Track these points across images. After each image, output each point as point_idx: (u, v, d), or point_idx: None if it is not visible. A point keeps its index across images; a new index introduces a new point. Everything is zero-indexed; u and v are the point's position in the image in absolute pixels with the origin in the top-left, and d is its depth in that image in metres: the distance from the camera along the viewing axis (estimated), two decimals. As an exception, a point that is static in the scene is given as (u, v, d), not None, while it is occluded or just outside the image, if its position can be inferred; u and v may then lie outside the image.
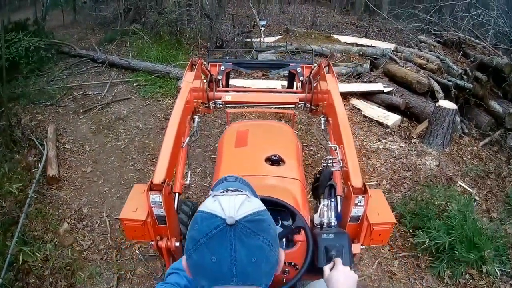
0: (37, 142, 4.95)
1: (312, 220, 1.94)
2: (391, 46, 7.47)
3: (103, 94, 6.37)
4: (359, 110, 5.42)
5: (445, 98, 5.43)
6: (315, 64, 3.17)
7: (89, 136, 5.24)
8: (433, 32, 8.03)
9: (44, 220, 3.83)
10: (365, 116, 5.30)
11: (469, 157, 4.93)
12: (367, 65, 6.33)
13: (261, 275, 0.86)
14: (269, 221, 0.88)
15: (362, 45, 7.47)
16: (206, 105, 3.12)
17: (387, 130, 5.03)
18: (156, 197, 1.73)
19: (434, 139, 4.82)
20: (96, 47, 8.49)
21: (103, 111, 5.83)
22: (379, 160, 4.53)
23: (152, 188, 1.75)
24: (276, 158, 2.23)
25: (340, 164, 2.02)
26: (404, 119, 5.35)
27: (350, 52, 6.72)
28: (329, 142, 2.42)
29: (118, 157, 4.70)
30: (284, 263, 1.57)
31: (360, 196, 1.77)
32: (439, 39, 7.33)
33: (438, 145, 4.84)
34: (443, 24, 7.95)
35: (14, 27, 8.78)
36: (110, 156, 4.75)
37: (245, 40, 7.59)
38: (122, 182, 4.28)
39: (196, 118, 2.75)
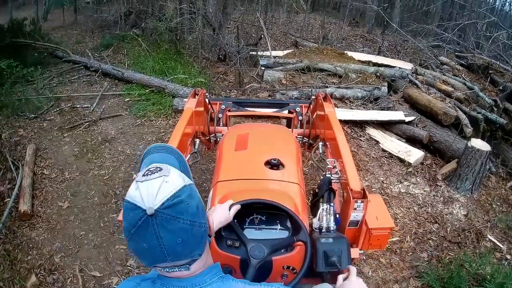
0: (12, 167, 4.36)
1: (311, 224, 1.92)
2: (409, 65, 6.89)
3: (92, 108, 5.80)
4: (377, 142, 4.80)
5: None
6: (314, 97, 3.17)
7: (71, 160, 4.64)
8: (456, 53, 7.38)
9: (12, 267, 3.26)
10: (383, 150, 4.69)
11: (498, 203, 4.36)
12: (385, 89, 5.72)
13: (191, 249, 0.95)
14: (187, 199, 0.93)
15: (377, 64, 6.88)
16: (206, 138, 3.14)
17: (409, 170, 4.41)
18: None
19: (463, 183, 4.22)
20: (90, 54, 7.92)
21: (89, 130, 5.24)
22: (402, 209, 3.92)
23: None
24: (275, 161, 2.18)
25: (338, 175, 2.07)
26: (427, 154, 4.74)
27: (366, 73, 6.10)
28: (327, 161, 2.40)
29: (99, 190, 4.09)
30: (283, 267, 1.62)
31: (359, 201, 1.78)
32: (463, 62, 6.69)
33: (466, 189, 4.24)
34: (466, 44, 7.30)
35: (10, 26, 8.24)
36: (91, 188, 4.14)
37: (251, 53, 6.97)
38: (102, 225, 3.67)
39: (197, 141, 2.81)
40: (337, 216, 1.94)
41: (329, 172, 2.18)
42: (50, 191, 4.17)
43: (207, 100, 3.18)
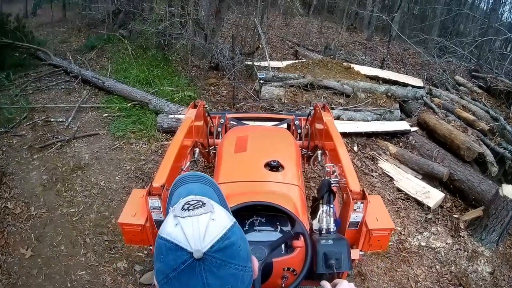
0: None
1: (311, 226, 1.89)
2: (419, 81, 6.34)
3: (67, 124, 5.16)
4: (391, 178, 4.22)
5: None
6: (312, 108, 3.10)
7: (39, 191, 4.00)
8: (472, 72, 6.80)
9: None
10: (399, 190, 4.11)
11: (523, 256, 3.83)
12: (398, 112, 5.14)
13: None
14: (239, 241, 0.79)
15: (385, 79, 6.30)
16: (206, 150, 3.10)
17: (428, 216, 3.85)
18: (155, 201, 1.73)
19: (488, 235, 3.66)
20: (71, 58, 7.22)
21: (61, 152, 4.59)
22: (423, 268, 3.34)
23: (151, 192, 1.75)
24: (275, 163, 2.16)
25: (337, 179, 2.03)
26: (447, 195, 4.17)
27: (376, 92, 5.49)
28: (326, 166, 2.33)
29: (67, 236, 3.45)
30: (283, 269, 1.63)
31: (359, 202, 1.77)
32: (481, 84, 6.13)
33: (491, 242, 3.69)
34: (481, 62, 6.74)
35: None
36: (57, 232, 3.50)
37: (246, 63, 6.31)
38: (68, 285, 3.03)
39: (197, 150, 2.75)
40: (337, 216, 1.93)
41: (328, 177, 2.12)
42: (13, 232, 3.56)
43: (206, 111, 3.11)
